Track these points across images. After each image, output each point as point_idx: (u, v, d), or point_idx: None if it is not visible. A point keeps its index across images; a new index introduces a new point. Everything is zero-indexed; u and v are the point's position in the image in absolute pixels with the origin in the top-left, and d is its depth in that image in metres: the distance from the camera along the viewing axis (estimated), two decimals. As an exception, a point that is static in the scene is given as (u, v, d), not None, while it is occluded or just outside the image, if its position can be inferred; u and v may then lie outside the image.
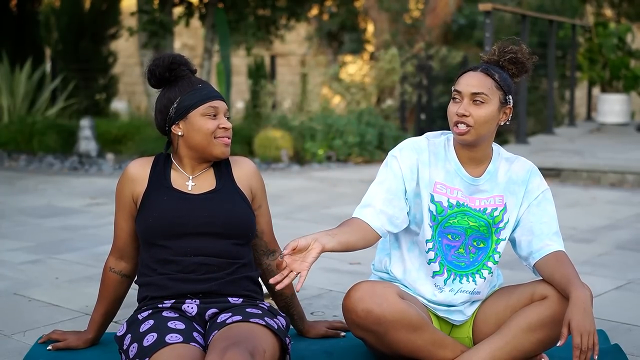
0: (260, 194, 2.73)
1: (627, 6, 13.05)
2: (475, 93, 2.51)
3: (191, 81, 2.62)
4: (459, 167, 2.60)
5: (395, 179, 2.57)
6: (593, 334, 2.33)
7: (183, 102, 2.59)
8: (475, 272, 2.63)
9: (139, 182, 2.63)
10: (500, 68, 2.58)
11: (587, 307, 2.36)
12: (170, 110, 2.60)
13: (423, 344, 2.49)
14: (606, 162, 7.45)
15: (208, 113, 2.58)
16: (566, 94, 12.55)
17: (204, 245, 2.55)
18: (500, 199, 2.62)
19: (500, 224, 2.62)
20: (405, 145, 2.63)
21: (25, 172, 8.21)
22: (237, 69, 14.07)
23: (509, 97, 2.55)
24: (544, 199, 2.64)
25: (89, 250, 4.55)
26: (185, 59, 2.65)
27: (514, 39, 2.65)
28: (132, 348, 2.38)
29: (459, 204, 2.59)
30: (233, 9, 9.74)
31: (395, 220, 2.55)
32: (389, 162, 2.62)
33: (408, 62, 11.17)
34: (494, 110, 2.53)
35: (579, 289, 2.39)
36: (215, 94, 2.62)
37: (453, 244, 2.61)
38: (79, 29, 11.90)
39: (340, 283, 3.83)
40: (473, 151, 2.59)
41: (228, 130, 2.61)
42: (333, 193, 6.79)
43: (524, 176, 2.64)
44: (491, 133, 2.57)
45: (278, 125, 9.28)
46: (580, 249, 4.58)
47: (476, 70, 2.56)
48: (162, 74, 2.61)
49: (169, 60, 2.60)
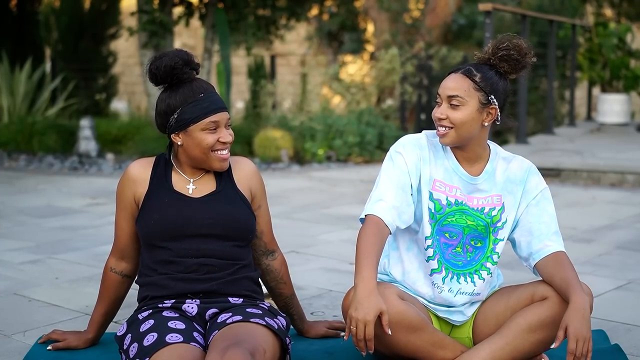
0: (260, 194, 2.73)
1: (627, 6, 13.05)
2: (451, 96, 2.51)
3: (193, 89, 2.55)
4: (456, 166, 2.60)
5: (403, 174, 2.56)
6: (588, 341, 2.34)
7: (184, 114, 2.54)
8: (474, 272, 2.63)
9: (140, 183, 2.63)
10: (491, 66, 2.55)
11: (586, 313, 2.36)
12: (170, 119, 2.56)
13: (423, 345, 2.49)
14: (606, 162, 7.44)
15: (209, 128, 2.54)
16: (566, 94, 12.54)
17: (204, 246, 2.55)
18: (498, 198, 2.61)
19: (498, 224, 2.61)
20: (407, 141, 2.62)
21: (25, 172, 8.21)
22: (237, 69, 14.08)
23: (491, 97, 2.52)
24: (543, 198, 2.63)
25: (88, 250, 4.55)
26: (188, 58, 2.58)
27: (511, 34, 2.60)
28: (132, 348, 2.38)
29: (458, 202, 2.58)
30: (233, 9, 9.73)
31: (403, 215, 2.54)
32: (394, 157, 2.60)
33: (408, 62, 11.16)
34: (472, 112, 2.51)
35: (579, 294, 2.39)
36: (216, 105, 2.56)
37: (451, 242, 2.61)
38: (79, 29, 11.90)
39: (340, 283, 3.82)
40: (464, 151, 2.59)
41: (227, 144, 2.58)
42: (333, 193, 6.79)
43: (521, 175, 2.63)
44: (477, 134, 2.55)
45: (278, 125, 9.28)
46: (580, 249, 4.57)
47: (457, 72, 2.55)
48: (163, 79, 2.57)
49: (171, 65, 2.53)
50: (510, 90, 2.62)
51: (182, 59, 2.56)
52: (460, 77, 2.53)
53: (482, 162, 2.62)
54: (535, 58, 2.64)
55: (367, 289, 2.33)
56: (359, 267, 2.39)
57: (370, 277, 2.35)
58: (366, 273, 2.36)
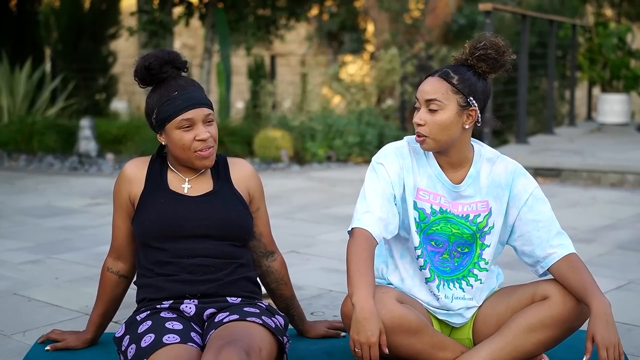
0: (258, 196, 2.72)
1: (627, 6, 13.04)
2: (429, 100, 2.48)
3: (169, 88, 2.53)
4: (439, 173, 2.56)
5: (386, 185, 2.52)
6: (618, 345, 2.31)
7: (159, 114, 2.53)
8: (461, 278, 2.60)
9: (135, 183, 2.62)
10: (469, 67, 2.51)
11: (610, 318, 2.33)
12: (152, 119, 2.57)
13: (423, 347, 2.48)
14: (606, 162, 7.44)
15: (182, 126, 2.51)
16: (566, 94, 12.53)
17: (200, 246, 2.54)
18: (483, 204, 2.57)
19: (485, 229, 2.57)
20: (389, 150, 2.58)
21: (25, 172, 8.21)
22: (237, 69, 14.07)
23: (470, 98, 2.48)
24: (535, 200, 2.57)
25: (88, 250, 4.55)
26: (169, 57, 2.54)
27: (487, 33, 2.57)
28: (130, 349, 2.38)
29: (442, 211, 2.55)
30: (233, 9, 9.74)
31: (390, 226, 2.51)
32: (376, 169, 2.55)
33: (408, 62, 11.16)
34: (451, 116, 2.46)
35: (599, 300, 2.35)
36: (189, 102, 2.51)
37: (437, 249, 2.58)
38: (79, 29, 11.90)
39: (340, 283, 3.82)
40: (447, 156, 2.55)
41: (206, 141, 2.53)
42: (333, 193, 6.79)
43: (506, 179, 2.57)
44: (458, 137, 2.50)
45: (278, 125, 9.28)
46: (581, 249, 4.55)
47: (434, 75, 2.52)
48: (143, 79, 2.56)
49: (145, 65, 2.52)
50: (490, 90, 2.56)
51: (160, 59, 2.53)
52: (437, 80, 2.49)
53: (467, 165, 2.57)
54: (515, 55, 2.58)
55: (366, 309, 2.30)
56: (354, 286, 2.35)
57: (367, 295, 2.32)
58: (363, 292, 2.33)
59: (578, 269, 2.48)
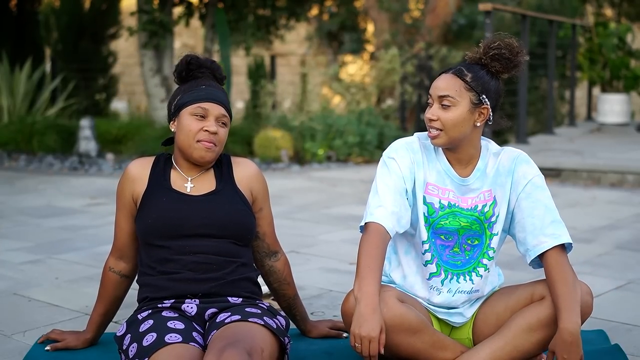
0: (262, 196, 2.72)
1: (627, 6, 13.04)
2: (442, 96, 2.49)
3: (199, 82, 2.61)
4: (448, 168, 2.58)
5: (398, 179, 2.54)
6: None
7: (181, 99, 2.60)
8: (472, 270, 2.62)
9: (138, 182, 2.63)
10: (483, 66, 2.53)
11: (574, 339, 2.33)
12: (172, 105, 2.63)
13: (423, 347, 2.49)
14: (606, 162, 7.44)
15: (196, 113, 2.56)
16: (566, 94, 12.53)
17: (202, 244, 2.55)
18: (488, 193, 2.58)
19: (492, 218, 2.58)
20: (400, 145, 2.61)
21: (25, 172, 8.21)
22: (237, 69, 14.07)
23: (482, 97, 2.50)
24: (534, 187, 2.57)
25: (88, 250, 4.55)
26: (210, 65, 2.64)
27: (501, 34, 2.58)
28: (131, 348, 2.38)
29: (451, 205, 2.56)
30: (233, 9, 9.74)
31: (402, 220, 2.53)
32: (387, 163, 2.58)
33: (408, 62, 11.16)
34: (464, 112, 2.48)
35: (567, 321, 2.35)
36: (212, 96, 2.58)
37: (447, 243, 2.59)
38: (79, 29, 11.90)
39: (340, 283, 3.82)
40: (456, 152, 2.56)
41: (212, 135, 2.56)
42: (333, 193, 6.79)
43: (509, 166, 2.59)
44: (469, 134, 2.52)
45: (278, 125, 9.28)
46: (580, 249, 4.57)
47: (448, 72, 2.53)
48: (179, 72, 2.64)
49: (187, 60, 2.62)
50: (503, 90, 2.58)
51: (201, 61, 2.64)
52: (451, 77, 2.51)
53: (474, 162, 2.59)
54: (528, 57, 2.60)
55: (370, 305, 2.31)
56: (361, 281, 2.36)
57: (373, 292, 2.34)
58: (369, 288, 2.34)
59: (558, 276, 2.45)
